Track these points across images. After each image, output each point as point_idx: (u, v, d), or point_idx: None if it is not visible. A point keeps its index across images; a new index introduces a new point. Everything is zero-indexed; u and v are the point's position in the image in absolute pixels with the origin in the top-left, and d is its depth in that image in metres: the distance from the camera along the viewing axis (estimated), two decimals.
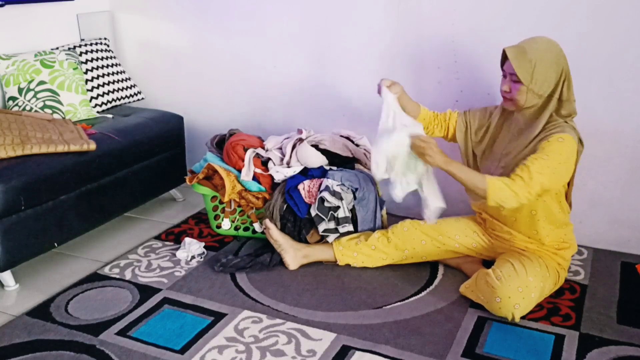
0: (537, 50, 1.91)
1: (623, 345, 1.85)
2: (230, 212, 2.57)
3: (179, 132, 2.97)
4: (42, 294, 2.19)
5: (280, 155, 2.54)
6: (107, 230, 2.71)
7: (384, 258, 2.30)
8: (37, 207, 2.22)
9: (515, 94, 1.96)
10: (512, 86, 1.96)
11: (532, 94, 1.94)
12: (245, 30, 2.95)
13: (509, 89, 1.97)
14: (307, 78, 2.88)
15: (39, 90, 2.67)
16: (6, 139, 2.23)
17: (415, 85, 2.65)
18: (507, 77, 1.98)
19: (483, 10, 2.42)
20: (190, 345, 1.87)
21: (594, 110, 2.26)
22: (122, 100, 3.05)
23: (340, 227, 2.31)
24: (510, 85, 1.97)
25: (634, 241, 2.40)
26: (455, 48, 2.51)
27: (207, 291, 2.18)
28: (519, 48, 1.94)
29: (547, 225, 2.06)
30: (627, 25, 2.21)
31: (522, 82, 1.92)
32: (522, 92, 1.94)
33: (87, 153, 2.39)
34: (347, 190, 2.33)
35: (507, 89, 1.98)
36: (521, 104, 1.97)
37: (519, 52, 1.92)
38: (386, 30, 2.63)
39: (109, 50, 3.08)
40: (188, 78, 3.19)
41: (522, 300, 1.92)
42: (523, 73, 1.91)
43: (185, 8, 3.06)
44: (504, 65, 2.00)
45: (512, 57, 1.92)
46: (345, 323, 1.97)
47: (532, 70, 1.91)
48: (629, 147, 2.32)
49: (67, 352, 1.84)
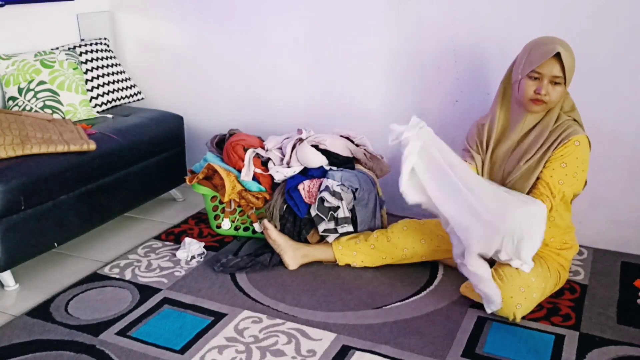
0: (570, 50, 1.91)
1: (623, 345, 1.85)
2: (230, 212, 2.57)
3: (179, 132, 2.97)
4: (42, 294, 2.19)
5: (280, 155, 2.54)
6: (107, 230, 2.71)
7: (383, 257, 2.30)
8: (37, 207, 2.22)
9: (554, 96, 1.92)
10: (551, 88, 1.91)
11: (563, 94, 1.94)
12: (245, 30, 2.95)
13: (547, 91, 1.92)
14: (307, 78, 2.88)
15: (39, 90, 2.67)
16: (6, 139, 2.23)
17: (415, 85, 2.65)
18: (546, 80, 1.91)
19: (483, 10, 2.42)
20: (190, 345, 1.87)
21: (594, 110, 2.26)
22: (122, 100, 3.05)
23: (340, 227, 2.31)
24: (548, 88, 1.92)
25: (634, 241, 2.40)
26: (455, 48, 2.51)
27: (207, 291, 2.18)
28: (566, 49, 1.89)
29: (553, 229, 2.05)
30: (628, 25, 2.21)
31: (563, 83, 1.89)
32: (561, 92, 1.92)
33: (87, 153, 2.39)
34: (347, 191, 2.33)
35: (545, 92, 1.92)
36: (554, 104, 1.95)
37: (568, 53, 1.88)
38: (386, 30, 2.63)
39: (109, 50, 3.08)
40: (188, 78, 3.19)
41: (524, 300, 1.92)
42: (570, 74, 1.89)
43: (185, 8, 3.06)
44: (540, 68, 1.91)
45: (566, 56, 1.87)
46: (345, 323, 1.97)
47: (573, 71, 1.90)
48: (629, 147, 2.32)
49: (67, 352, 1.84)
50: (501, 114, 2.10)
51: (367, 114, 2.78)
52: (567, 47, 1.91)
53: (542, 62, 1.89)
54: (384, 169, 2.57)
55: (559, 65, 1.89)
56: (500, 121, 2.10)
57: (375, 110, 2.77)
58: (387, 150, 2.69)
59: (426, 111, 2.66)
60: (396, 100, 2.71)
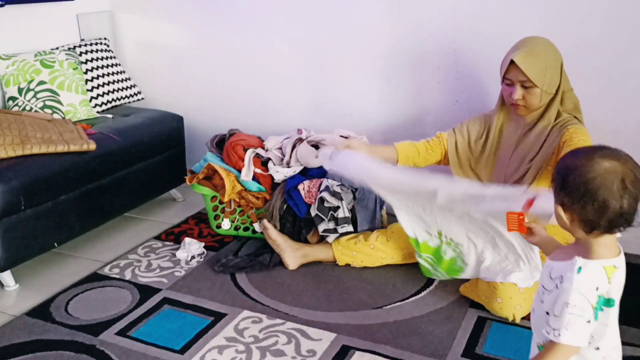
0: (542, 51, 1.89)
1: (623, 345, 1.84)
2: (230, 212, 2.57)
3: (179, 132, 2.97)
4: (42, 294, 2.19)
5: (280, 155, 2.54)
6: (107, 230, 2.71)
7: (383, 257, 2.30)
8: (37, 207, 2.22)
9: (530, 100, 1.92)
10: (525, 92, 1.91)
11: (545, 94, 1.92)
12: (245, 30, 2.95)
13: (522, 96, 1.92)
14: (307, 78, 2.88)
15: (39, 90, 2.67)
16: (6, 139, 2.23)
17: (416, 85, 2.65)
18: (516, 85, 1.91)
19: (483, 11, 2.42)
20: (190, 345, 1.87)
21: (594, 110, 2.26)
22: (122, 100, 3.05)
23: (340, 227, 2.31)
24: (522, 92, 1.91)
25: (634, 241, 2.40)
26: (455, 48, 2.51)
27: (207, 291, 2.18)
28: (526, 53, 1.88)
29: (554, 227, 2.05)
30: (628, 25, 2.21)
31: (536, 86, 1.89)
32: (537, 95, 1.91)
33: (87, 153, 2.39)
34: (347, 191, 2.33)
35: (519, 97, 1.92)
36: (536, 106, 1.95)
37: (528, 57, 1.87)
38: (386, 30, 2.63)
39: (109, 50, 3.08)
40: (188, 78, 3.19)
41: (524, 301, 1.92)
42: (538, 77, 1.87)
43: (185, 8, 3.06)
44: (507, 74, 1.93)
45: (524, 63, 1.86)
46: (345, 323, 1.97)
47: (544, 72, 1.88)
48: (629, 147, 2.30)
49: (67, 352, 1.84)
50: (501, 114, 2.11)
51: (367, 114, 2.78)
52: (534, 50, 1.88)
53: (506, 69, 1.92)
54: None
55: (521, 71, 1.88)
56: (500, 119, 2.11)
57: (375, 110, 2.77)
58: None
59: (426, 111, 2.66)
60: (396, 100, 2.71)
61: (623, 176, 1.06)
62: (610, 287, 1.13)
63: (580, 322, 1.10)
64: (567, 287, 1.11)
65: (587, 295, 1.09)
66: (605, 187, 1.06)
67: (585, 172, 1.08)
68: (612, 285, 1.13)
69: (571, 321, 1.09)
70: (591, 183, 1.07)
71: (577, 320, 1.09)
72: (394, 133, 2.74)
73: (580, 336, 1.11)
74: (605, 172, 1.07)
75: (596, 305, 1.10)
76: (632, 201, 1.07)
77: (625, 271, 1.25)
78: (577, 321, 1.09)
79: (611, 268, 1.14)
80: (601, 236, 1.13)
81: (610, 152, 1.11)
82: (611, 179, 1.06)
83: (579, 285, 1.10)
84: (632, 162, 1.10)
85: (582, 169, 1.08)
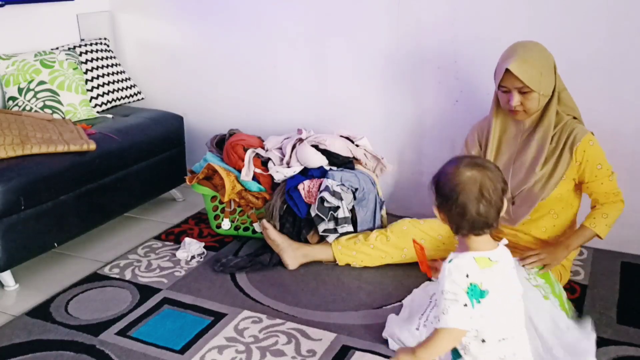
0: (535, 56, 1.88)
1: (623, 345, 1.85)
2: (230, 212, 2.57)
3: (179, 132, 2.97)
4: (42, 294, 2.19)
5: (280, 155, 2.55)
6: (107, 230, 2.71)
7: (383, 257, 2.30)
8: (37, 207, 2.22)
9: (529, 104, 1.91)
10: (523, 98, 1.91)
11: (543, 97, 1.91)
12: (245, 30, 2.95)
13: (520, 102, 1.91)
14: (307, 78, 2.88)
15: (39, 90, 2.67)
16: (6, 139, 2.23)
17: (416, 85, 2.65)
18: (513, 92, 1.90)
19: (483, 11, 2.42)
20: (190, 345, 1.87)
21: (594, 110, 2.26)
22: (122, 100, 3.05)
23: (340, 227, 2.31)
24: (519, 98, 1.91)
25: (634, 241, 2.40)
26: (455, 48, 2.51)
27: (207, 291, 2.18)
28: (520, 60, 1.87)
29: (563, 230, 2.05)
30: (628, 25, 2.21)
31: (533, 91, 1.88)
32: (535, 99, 1.90)
33: (87, 153, 2.39)
34: (347, 191, 2.33)
35: (517, 103, 1.91)
36: (534, 110, 1.94)
37: (523, 65, 1.86)
38: (386, 31, 2.63)
39: (109, 51, 3.08)
40: (188, 78, 3.19)
41: None
42: (534, 83, 1.87)
43: (185, 8, 3.06)
44: (503, 82, 1.92)
45: (520, 71, 1.85)
46: (345, 323, 1.97)
47: (540, 77, 1.87)
48: (629, 147, 2.32)
49: (67, 352, 1.84)
50: (498, 120, 2.08)
51: (367, 114, 2.78)
52: (527, 57, 1.88)
53: (502, 77, 1.90)
54: (384, 169, 2.58)
55: (517, 78, 1.87)
56: (498, 126, 2.08)
57: (375, 110, 2.77)
58: (387, 150, 2.70)
59: (426, 111, 2.66)
60: (396, 100, 2.70)
61: (481, 185, 1.20)
62: (484, 277, 1.21)
63: (456, 306, 1.19)
64: (441, 277, 1.23)
65: (457, 281, 1.20)
66: (464, 193, 1.20)
67: (451, 179, 1.23)
68: (485, 275, 1.21)
69: (447, 306, 1.20)
70: (455, 189, 1.21)
71: (453, 304, 1.19)
72: (394, 133, 2.74)
73: (458, 319, 1.19)
74: (467, 180, 1.21)
75: (468, 290, 1.19)
76: (488, 206, 1.20)
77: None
78: (453, 305, 1.19)
79: (484, 260, 1.23)
80: (468, 236, 1.25)
81: (475, 163, 1.24)
82: (470, 187, 1.20)
83: (450, 272, 1.21)
84: (494, 173, 1.23)
85: (450, 176, 1.23)
